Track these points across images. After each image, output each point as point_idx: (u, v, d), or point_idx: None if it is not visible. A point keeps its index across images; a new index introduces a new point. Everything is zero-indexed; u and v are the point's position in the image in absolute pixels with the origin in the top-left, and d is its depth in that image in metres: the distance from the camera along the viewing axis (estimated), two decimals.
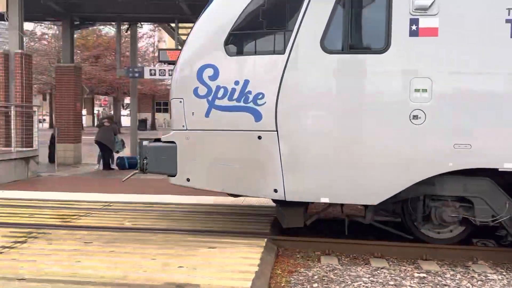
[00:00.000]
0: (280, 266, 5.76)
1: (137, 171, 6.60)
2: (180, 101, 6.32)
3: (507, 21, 5.57)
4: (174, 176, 6.33)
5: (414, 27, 5.70)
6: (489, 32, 5.62)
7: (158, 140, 6.58)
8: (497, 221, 5.94)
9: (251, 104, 6.00)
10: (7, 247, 5.74)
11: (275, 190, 6.01)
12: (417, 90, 5.71)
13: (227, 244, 6.01)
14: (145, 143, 6.48)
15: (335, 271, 5.64)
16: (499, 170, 5.64)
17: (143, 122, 40.03)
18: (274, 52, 6.00)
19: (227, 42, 6.11)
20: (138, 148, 6.55)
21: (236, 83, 6.05)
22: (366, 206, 6.36)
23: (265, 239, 6.29)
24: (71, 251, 5.66)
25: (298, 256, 6.22)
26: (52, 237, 6.26)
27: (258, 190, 6.13)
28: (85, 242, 6.05)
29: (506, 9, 5.57)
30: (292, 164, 5.95)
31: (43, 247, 5.81)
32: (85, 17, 16.94)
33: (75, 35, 19.65)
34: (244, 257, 5.49)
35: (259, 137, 6.01)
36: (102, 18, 18.33)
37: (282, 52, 5.94)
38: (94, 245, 5.93)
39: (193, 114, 6.25)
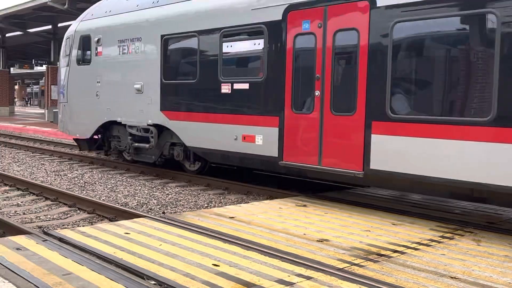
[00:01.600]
0: None
1: None
2: (58, 89, 14.02)
3: (118, 43, 11.64)
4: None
5: (96, 51, 12.16)
6: (114, 52, 11.76)
7: None
8: (123, 148, 12.20)
9: (62, 90, 13.43)
10: (435, 241, 5.72)
11: (69, 130, 13.35)
12: (98, 82, 12.17)
13: None
14: (54, 110, 17.63)
15: None
16: (118, 121, 11.76)
17: None
18: (67, 66, 13.17)
19: (60, 61, 13.67)
20: None
21: (62, 80, 13.49)
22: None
23: None
24: (502, 256, 5.17)
25: None
26: (479, 238, 5.91)
27: (66, 130, 13.44)
28: None
29: (117, 40, 11.54)
30: (71, 118, 13.16)
31: (471, 247, 5.52)
32: None
33: None
34: None
35: (64, 105, 13.38)
36: None
37: (67, 65, 13.09)
38: None
39: (60, 95, 13.78)
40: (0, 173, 10.95)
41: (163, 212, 8.06)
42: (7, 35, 36.20)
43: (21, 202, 8.77)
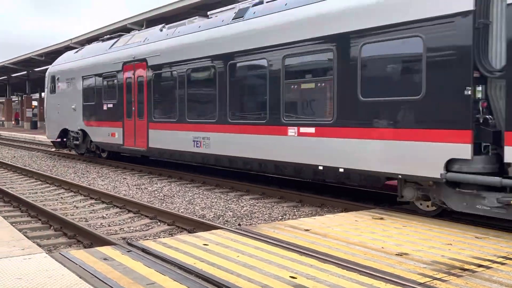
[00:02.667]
0: None
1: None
2: (46, 110, 21.40)
3: (66, 80, 19.55)
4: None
5: (57, 85, 20.33)
6: (64, 86, 19.61)
7: None
8: (72, 146, 19.59)
9: (45, 110, 21.44)
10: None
11: (48, 136, 21.17)
12: (58, 104, 19.92)
13: None
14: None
15: None
16: (67, 128, 19.43)
17: None
18: (45, 94, 21.55)
19: (45, 91, 21.75)
20: None
21: (44, 104, 21.61)
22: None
23: None
24: None
25: None
26: None
27: (48, 135, 21.25)
28: None
29: (65, 78, 19.72)
30: (48, 127, 21.10)
31: None
32: None
33: None
34: None
35: (46, 120, 21.32)
36: None
37: (46, 94, 21.24)
38: None
39: (45, 114, 21.61)
40: (86, 187, 11.63)
41: (239, 224, 8.19)
42: None
43: (106, 214, 9.25)
